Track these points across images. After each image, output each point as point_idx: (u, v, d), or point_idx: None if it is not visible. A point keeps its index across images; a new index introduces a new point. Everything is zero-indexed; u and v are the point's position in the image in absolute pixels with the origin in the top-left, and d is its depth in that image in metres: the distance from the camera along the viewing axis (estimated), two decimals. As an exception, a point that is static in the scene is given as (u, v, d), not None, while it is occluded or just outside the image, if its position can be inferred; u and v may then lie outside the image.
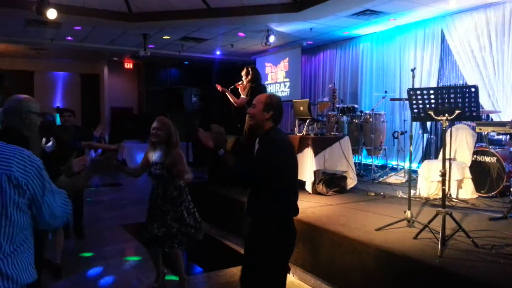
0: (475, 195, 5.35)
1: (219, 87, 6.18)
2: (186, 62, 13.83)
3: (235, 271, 4.34)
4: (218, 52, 11.95)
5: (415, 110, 3.57)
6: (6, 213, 1.37)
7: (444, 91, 3.41)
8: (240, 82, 6.08)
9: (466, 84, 7.21)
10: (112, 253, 4.95)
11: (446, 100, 3.39)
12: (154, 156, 3.71)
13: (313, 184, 5.60)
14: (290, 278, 4.17)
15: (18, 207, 1.40)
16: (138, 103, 15.16)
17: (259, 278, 2.56)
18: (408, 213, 3.98)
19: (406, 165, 7.26)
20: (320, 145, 5.69)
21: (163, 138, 3.62)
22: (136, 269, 4.52)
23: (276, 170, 2.48)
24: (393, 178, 6.97)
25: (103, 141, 6.13)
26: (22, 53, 12.33)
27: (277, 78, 11.64)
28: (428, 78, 8.04)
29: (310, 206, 4.83)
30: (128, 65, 14.16)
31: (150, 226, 3.67)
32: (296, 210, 2.66)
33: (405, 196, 5.19)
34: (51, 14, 6.84)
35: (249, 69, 6.02)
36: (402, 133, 7.27)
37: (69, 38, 10.28)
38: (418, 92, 3.51)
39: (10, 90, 12.60)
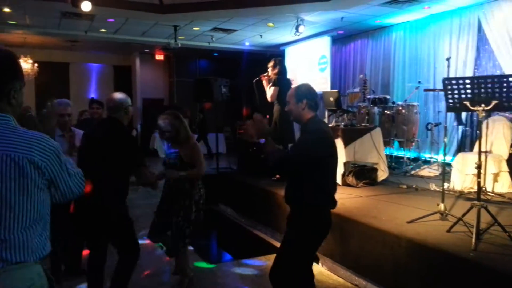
0: (512, 189, 5.18)
1: (263, 78, 6.09)
2: (216, 54, 13.90)
3: (264, 260, 4.39)
4: (247, 43, 11.94)
5: (450, 101, 3.47)
6: (27, 192, 1.50)
7: (481, 81, 3.29)
8: (265, 74, 6.02)
9: (503, 74, 6.94)
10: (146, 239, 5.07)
11: (483, 90, 3.28)
12: (165, 146, 3.74)
13: (343, 175, 5.55)
14: (319, 268, 4.19)
15: (37, 187, 1.53)
16: (168, 94, 15.38)
17: (287, 261, 2.62)
18: (442, 206, 3.90)
19: (440, 157, 7.09)
20: (350, 137, 5.63)
21: (172, 135, 3.57)
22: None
23: (313, 161, 2.50)
24: (426, 171, 6.83)
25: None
26: (58, 45, 12.70)
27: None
28: (463, 68, 7.79)
29: (340, 198, 4.71)
30: (159, 56, 14.37)
31: (158, 220, 3.67)
32: (333, 202, 2.68)
33: (438, 189, 5.08)
34: (86, 6, 7.02)
35: (277, 62, 5.98)
36: (436, 125, 7.07)
37: (103, 30, 10.51)
38: (454, 81, 3.41)
39: (47, 82, 13.06)
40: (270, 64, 5.99)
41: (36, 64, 11.32)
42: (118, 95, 3.16)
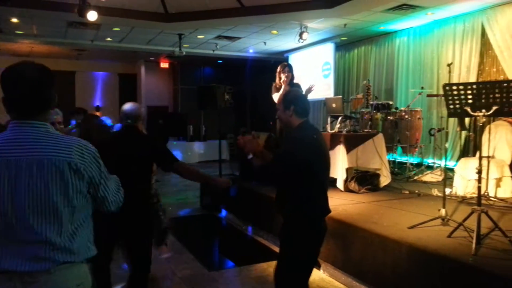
0: (515, 194, 5.14)
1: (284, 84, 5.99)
2: (220, 61, 14.00)
3: (265, 266, 4.39)
4: (251, 50, 12.02)
5: (451, 106, 3.47)
6: (67, 195, 1.57)
7: (481, 86, 3.30)
8: (283, 79, 5.66)
9: (506, 79, 6.92)
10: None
11: (483, 96, 3.28)
12: None
13: (345, 181, 5.55)
14: (321, 274, 4.18)
15: (78, 190, 1.60)
16: (173, 101, 15.49)
17: (285, 273, 2.60)
18: (443, 211, 3.89)
19: (443, 163, 7.06)
20: (352, 142, 5.63)
21: None
22: (169, 261, 4.63)
23: (298, 168, 2.45)
24: (429, 176, 6.80)
25: None
26: (64, 54, 12.87)
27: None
28: (467, 74, 7.77)
29: (342, 204, 4.80)
30: (164, 64, 14.49)
31: None
32: (324, 209, 2.62)
33: (440, 195, 5.04)
34: (92, 16, 7.10)
35: (290, 67, 5.78)
36: (439, 130, 7.04)
37: (108, 39, 10.64)
38: (454, 87, 3.42)
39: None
40: (284, 69, 5.71)
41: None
42: (135, 104, 3.29)
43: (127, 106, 3.24)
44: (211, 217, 6.70)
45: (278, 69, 5.73)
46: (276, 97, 5.71)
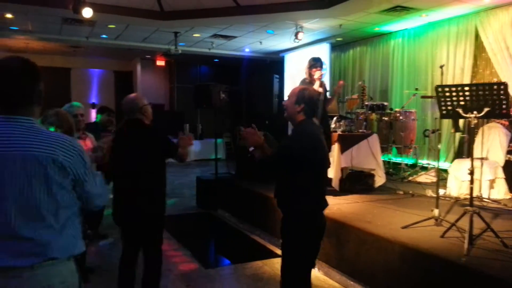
0: (508, 195, 5.21)
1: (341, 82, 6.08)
2: (216, 60, 14.01)
3: (261, 264, 4.43)
4: (247, 50, 12.04)
5: (443, 108, 3.53)
6: (51, 192, 1.57)
7: (472, 88, 3.36)
8: (318, 75, 5.30)
9: (499, 81, 7.00)
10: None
11: (475, 98, 3.34)
12: None
13: (340, 181, 5.59)
14: (315, 273, 4.21)
15: (62, 187, 1.60)
16: (169, 99, 15.47)
17: (287, 267, 2.65)
18: (436, 212, 3.94)
19: (437, 164, 7.12)
20: (347, 143, 5.67)
21: None
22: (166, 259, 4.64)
23: (297, 161, 2.52)
24: (423, 177, 6.87)
25: None
26: (59, 50, 12.80)
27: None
28: (461, 76, 7.85)
29: (337, 203, 4.84)
30: (160, 62, 14.47)
31: None
32: (322, 202, 2.69)
33: (434, 195, 5.11)
34: (87, 12, 7.09)
35: (322, 62, 5.49)
36: (433, 131, 7.11)
37: (104, 36, 10.61)
38: (447, 89, 3.47)
39: (48, 87, 13.14)
40: (314, 65, 5.36)
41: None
42: (130, 97, 3.28)
43: (123, 101, 3.23)
44: (207, 215, 6.72)
45: (308, 64, 5.39)
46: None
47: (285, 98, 2.83)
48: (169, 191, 8.38)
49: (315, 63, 5.34)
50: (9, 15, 8.44)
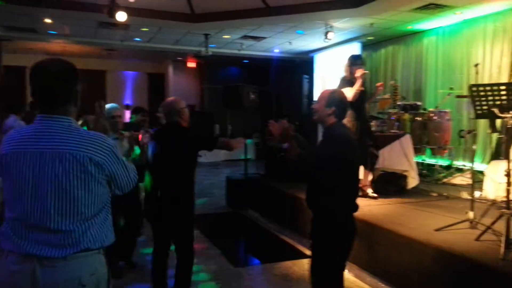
0: (548, 198, 4.99)
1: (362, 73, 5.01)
2: (246, 61, 14.08)
3: (290, 264, 4.43)
4: (276, 50, 12.04)
5: (478, 107, 3.43)
6: (88, 187, 1.68)
7: (509, 87, 3.24)
8: (359, 74, 4.81)
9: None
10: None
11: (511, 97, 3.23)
12: None
13: (372, 182, 5.51)
14: (346, 275, 4.17)
15: (97, 181, 1.71)
16: (200, 100, 15.68)
17: (318, 272, 2.64)
18: (471, 214, 3.83)
19: (473, 165, 6.91)
20: (379, 143, 5.59)
21: None
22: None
23: (332, 166, 2.50)
24: (458, 179, 6.67)
25: None
26: (94, 53, 13.21)
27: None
28: (498, 74, 7.57)
29: (368, 204, 4.79)
30: (191, 64, 14.68)
31: None
32: (353, 207, 2.67)
33: (469, 198, 4.97)
34: (121, 16, 7.29)
35: (363, 60, 5.20)
36: (469, 132, 6.89)
37: (137, 39, 10.87)
38: (481, 88, 3.37)
39: (84, 89, 13.57)
40: (354, 62, 4.97)
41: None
42: (168, 100, 3.45)
43: (162, 104, 3.40)
44: (237, 215, 6.78)
45: (348, 62, 5.02)
46: (347, 91, 4.51)
47: (315, 98, 2.81)
48: (199, 191, 8.55)
49: (356, 60, 5.00)
50: (48, 20, 8.79)
